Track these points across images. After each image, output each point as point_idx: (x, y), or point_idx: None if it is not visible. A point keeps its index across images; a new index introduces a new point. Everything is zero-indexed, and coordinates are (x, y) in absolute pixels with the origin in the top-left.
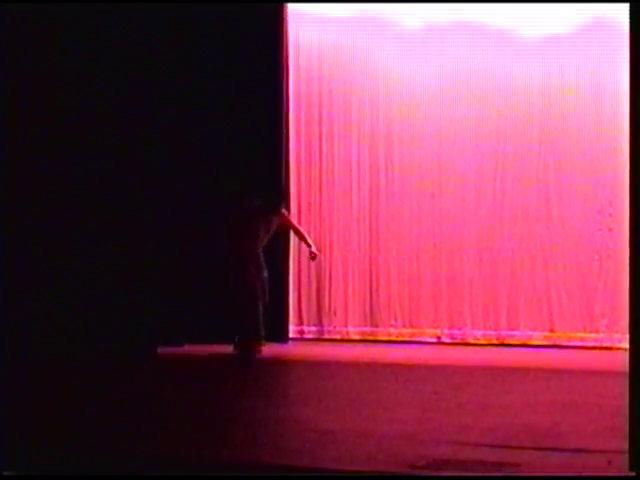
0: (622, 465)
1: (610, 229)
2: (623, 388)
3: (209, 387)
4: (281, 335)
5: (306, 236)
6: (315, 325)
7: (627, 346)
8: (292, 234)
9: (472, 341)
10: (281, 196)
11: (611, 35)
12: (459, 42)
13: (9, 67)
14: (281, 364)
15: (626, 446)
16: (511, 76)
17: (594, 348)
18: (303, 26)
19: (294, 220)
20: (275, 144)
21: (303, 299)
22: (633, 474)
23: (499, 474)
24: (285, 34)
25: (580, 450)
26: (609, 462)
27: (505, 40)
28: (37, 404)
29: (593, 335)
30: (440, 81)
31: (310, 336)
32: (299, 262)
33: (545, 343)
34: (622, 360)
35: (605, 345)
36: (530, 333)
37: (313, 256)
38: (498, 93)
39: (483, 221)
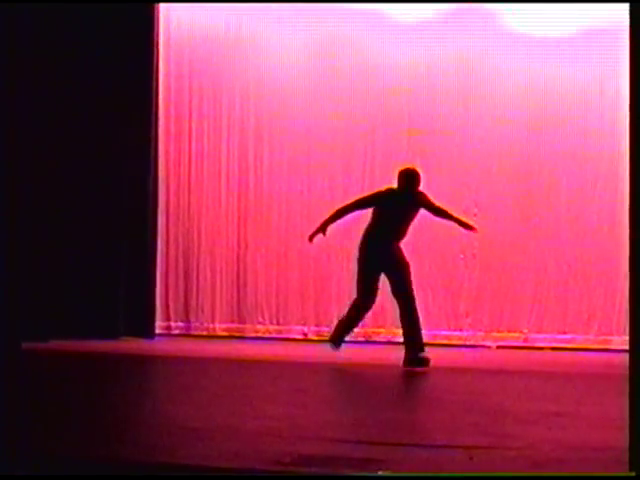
0: (483, 461)
1: None
2: (486, 384)
3: (73, 384)
4: (147, 331)
5: None
6: (182, 321)
7: (489, 344)
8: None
9: None
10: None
11: (481, 21)
12: (331, 33)
13: None
14: (147, 360)
15: (486, 442)
16: (381, 72)
17: (458, 345)
18: (174, 18)
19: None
20: (144, 141)
21: (170, 295)
22: (633, 474)
23: (367, 472)
24: (156, 27)
25: (444, 446)
26: (471, 458)
27: (381, 29)
28: None
29: (457, 333)
30: (310, 78)
31: (177, 332)
32: (167, 257)
33: None
34: (482, 357)
35: (469, 343)
36: (395, 330)
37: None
38: (368, 90)
39: (351, 218)
